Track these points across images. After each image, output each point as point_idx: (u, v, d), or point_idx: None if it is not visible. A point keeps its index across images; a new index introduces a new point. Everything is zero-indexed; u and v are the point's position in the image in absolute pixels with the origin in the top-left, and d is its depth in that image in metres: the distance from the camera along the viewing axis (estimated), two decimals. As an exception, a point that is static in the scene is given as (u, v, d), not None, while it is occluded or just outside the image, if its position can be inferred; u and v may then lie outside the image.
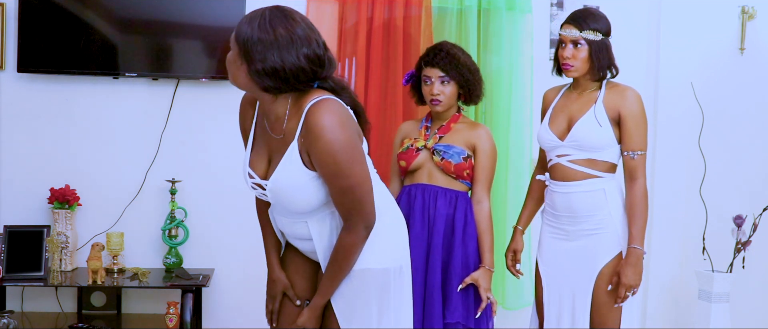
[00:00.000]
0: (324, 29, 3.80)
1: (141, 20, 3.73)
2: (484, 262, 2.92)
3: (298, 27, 2.13)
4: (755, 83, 4.13)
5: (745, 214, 3.86)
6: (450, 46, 2.98)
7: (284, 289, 2.43)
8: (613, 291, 2.81)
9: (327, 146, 2.10)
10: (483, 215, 2.94)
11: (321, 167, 2.15)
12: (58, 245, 3.59)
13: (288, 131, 2.20)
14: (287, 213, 2.29)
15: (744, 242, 3.84)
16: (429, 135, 3.01)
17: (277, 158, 2.22)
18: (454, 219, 2.93)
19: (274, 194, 2.25)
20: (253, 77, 2.13)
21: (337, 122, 2.12)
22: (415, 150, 2.99)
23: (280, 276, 2.44)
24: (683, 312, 4.12)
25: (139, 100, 3.82)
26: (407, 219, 2.95)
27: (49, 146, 3.79)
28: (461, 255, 2.91)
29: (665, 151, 4.05)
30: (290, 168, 2.18)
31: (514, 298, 3.93)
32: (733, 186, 4.10)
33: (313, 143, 2.12)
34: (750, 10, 4.09)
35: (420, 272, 2.92)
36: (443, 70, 2.92)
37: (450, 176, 2.94)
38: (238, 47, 2.13)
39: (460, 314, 2.88)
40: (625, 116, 2.80)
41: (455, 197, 2.94)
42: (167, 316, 3.55)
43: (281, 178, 2.20)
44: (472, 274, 2.90)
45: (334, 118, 2.12)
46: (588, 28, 2.82)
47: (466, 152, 2.94)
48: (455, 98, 2.99)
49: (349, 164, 2.14)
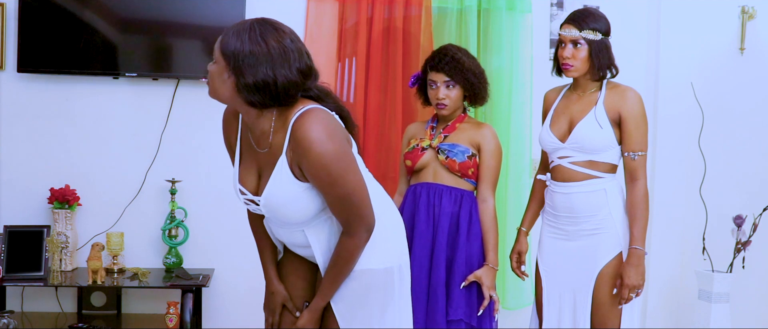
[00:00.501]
0: (324, 29, 3.81)
1: (141, 20, 3.73)
2: (488, 260, 2.94)
3: (288, 39, 2.09)
4: (755, 82, 4.13)
5: (745, 214, 3.86)
6: (455, 51, 3.00)
7: (283, 301, 2.41)
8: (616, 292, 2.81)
9: (318, 159, 2.07)
10: (488, 214, 2.96)
11: (314, 180, 2.12)
12: (58, 245, 3.59)
13: (275, 145, 2.15)
14: (283, 224, 2.27)
15: (744, 242, 3.84)
16: (434, 135, 3.04)
17: (267, 173, 2.18)
18: (458, 217, 2.94)
19: (268, 209, 2.22)
20: (240, 92, 2.07)
21: (325, 133, 2.07)
22: (421, 149, 3.01)
23: (279, 288, 2.42)
24: (683, 312, 4.12)
25: (139, 100, 3.82)
26: (412, 217, 2.98)
27: (49, 146, 3.79)
28: (465, 253, 2.93)
29: (665, 151, 4.05)
30: (281, 182, 2.15)
31: (515, 298, 3.94)
32: (733, 186, 4.10)
33: (304, 156, 2.08)
34: (750, 10, 4.09)
35: (424, 269, 2.94)
36: (448, 75, 2.95)
37: (455, 174, 2.96)
38: (225, 60, 2.07)
39: (462, 311, 2.90)
40: (626, 116, 2.80)
41: (460, 195, 2.96)
42: (167, 316, 3.55)
43: (274, 193, 2.17)
44: (475, 272, 2.92)
45: (322, 128, 2.08)
46: (588, 27, 2.82)
47: (470, 151, 2.95)
48: (461, 101, 3.02)
49: (342, 174, 2.11)
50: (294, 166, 2.13)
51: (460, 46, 3.07)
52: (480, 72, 3.01)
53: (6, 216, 3.76)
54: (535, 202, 3.13)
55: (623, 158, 2.85)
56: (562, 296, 2.94)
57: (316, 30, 3.81)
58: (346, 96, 3.85)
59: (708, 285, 3.85)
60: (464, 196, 2.97)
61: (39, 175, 3.75)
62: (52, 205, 3.66)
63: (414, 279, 2.92)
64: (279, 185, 2.15)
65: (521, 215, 3.22)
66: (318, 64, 3.74)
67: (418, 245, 2.96)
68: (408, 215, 3.01)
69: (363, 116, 3.80)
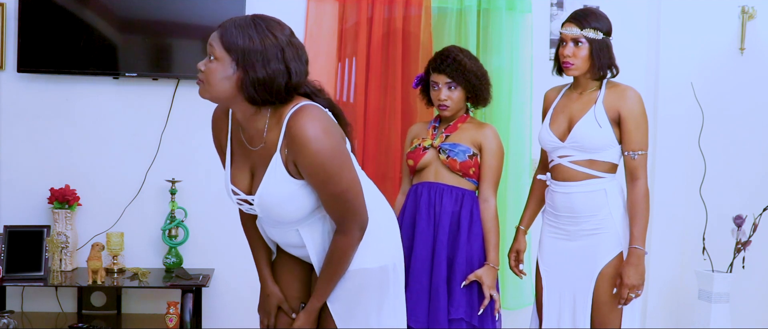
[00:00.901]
0: (324, 29, 3.82)
1: (141, 20, 3.73)
2: (489, 260, 2.94)
3: (290, 32, 2.08)
4: (755, 82, 4.13)
5: (745, 214, 3.86)
6: (457, 53, 3.00)
7: (279, 303, 2.40)
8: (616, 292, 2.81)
9: (314, 156, 2.05)
10: (489, 214, 2.97)
11: (310, 177, 2.10)
12: (58, 245, 3.59)
13: (269, 142, 2.13)
14: (277, 224, 2.26)
15: (744, 242, 3.84)
16: (436, 134, 3.04)
17: (261, 171, 2.16)
18: (459, 217, 2.95)
19: (262, 208, 2.19)
20: (244, 88, 2.03)
21: (320, 130, 2.05)
22: (423, 149, 3.03)
23: (274, 290, 2.40)
24: (683, 312, 4.12)
25: (139, 100, 3.82)
26: (413, 217, 2.99)
27: (49, 146, 3.79)
28: (466, 253, 2.94)
29: (665, 151, 4.05)
30: (276, 180, 2.13)
31: (515, 298, 3.94)
32: (733, 186, 4.10)
33: (299, 153, 2.06)
34: (750, 10, 4.09)
35: (426, 269, 2.95)
36: (450, 77, 2.95)
37: (456, 174, 2.97)
38: (231, 56, 2.03)
39: (463, 310, 2.91)
40: (626, 116, 2.80)
41: (461, 195, 2.97)
42: (167, 316, 3.55)
43: (268, 191, 2.15)
44: (476, 271, 2.92)
45: (318, 125, 2.06)
46: (589, 26, 2.82)
47: (471, 151, 2.96)
48: (463, 102, 3.02)
49: (338, 171, 2.10)
50: (289, 163, 2.11)
51: (462, 48, 3.07)
52: (482, 74, 3.02)
53: (6, 216, 3.76)
54: (534, 201, 3.13)
55: (623, 158, 2.85)
56: (562, 296, 2.94)
57: (316, 30, 3.81)
58: (346, 96, 3.86)
59: (708, 285, 3.85)
60: (465, 195, 2.97)
61: (39, 175, 3.75)
62: (52, 205, 3.66)
63: (416, 278, 2.95)
64: (273, 183, 2.13)
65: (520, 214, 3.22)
66: (318, 64, 3.80)
67: (419, 245, 2.96)
68: (409, 214, 3.01)
69: (363, 116, 3.80)
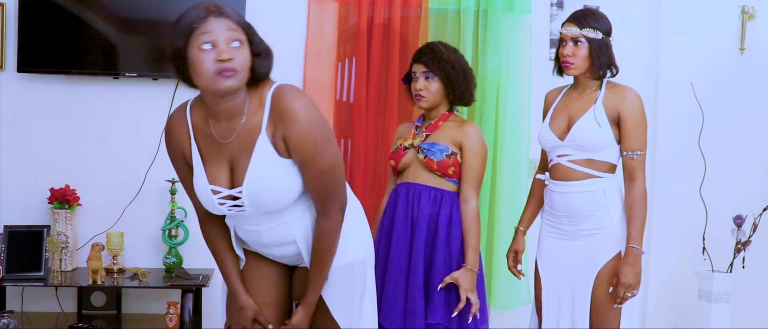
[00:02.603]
0: (324, 29, 3.82)
1: (141, 20, 3.73)
2: (467, 262, 2.85)
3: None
4: (755, 82, 4.13)
5: (745, 214, 3.86)
6: (437, 45, 2.97)
7: (255, 316, 2.34)
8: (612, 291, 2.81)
9: (304, 127, 2.08)
10: (469, 215, 2.87)
11: (300, 151, 2.11)
12: (58, 245, 3.59)
13: (250, 127, 2.12)
14: (264, 218, 2.23)
15: (744, 242, 3.84)
16: (417, 134, 3.00)
17: (243, 160, 2.13)
18: (437, 218, 2.88)
19: (252, 197, 2.15)
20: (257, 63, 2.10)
21: (307, 102, 2.12)
22: (403, 149, 2.98)
23: (248, 301, 2.33)
24: (683, 312, 4.12)
25: (139, 100, 3.82)
26: (392, 218, 2.95)
27: (49, 146, 3.79)
28: (444, 255, 2.86)
29: (665, 151, 4.05)
30: (264, 162, 2.12)
31: (509, 297, 3.91)
32: (733, 186, 4.10)
33: (290, 125, 2.08)
34: (750, 10, 4.09)
35: (402, 271, 2.88)
36: (426, 66, 2.91)
37: (435, 174, 2.90)
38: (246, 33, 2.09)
39: (441, 315, 2.83)
40: (625, 116, 2.80)
41: (440, 195, 2.89)
42: (167, 316, 3.55)
43: (258, 176, 2.13)
44: (452, 273, 2.83)
45: (304, 97, 2.12)
46: (588, 26, 2.82)
47: (449, 150, 2.89)
48: (441, 96, 2.95)
49: (325, 144, 2.14)
50: (277, 140, 2.12)
51: (447, 44, 3.01)
52: (462, 68, 2.94)
53: (6, 216, 3.76)
54: (533, 201, 3.12)
55: (622, 158, 2.85)
56: (561, 296, 2.94)
57: (317, 30, 3.81)
58: (345, 96, 3.86)
59: (708, 285, 3.85)
60: (445, 196, 2.89)
61: (39, 175, 3.76)
62: (52, 205, 3.66)
63: (392, 279, 2.89)
64: (261, 167, 2.12)
65: (518, 215, 3.22)
66: (318, 64, 3.79)
67: (396, 247, 2.90)
68: (388, 215, 2.97)
69: (363, 116, 3.80)
